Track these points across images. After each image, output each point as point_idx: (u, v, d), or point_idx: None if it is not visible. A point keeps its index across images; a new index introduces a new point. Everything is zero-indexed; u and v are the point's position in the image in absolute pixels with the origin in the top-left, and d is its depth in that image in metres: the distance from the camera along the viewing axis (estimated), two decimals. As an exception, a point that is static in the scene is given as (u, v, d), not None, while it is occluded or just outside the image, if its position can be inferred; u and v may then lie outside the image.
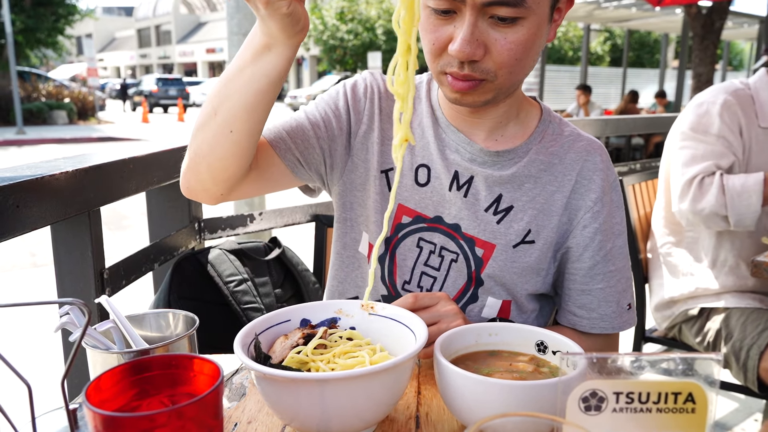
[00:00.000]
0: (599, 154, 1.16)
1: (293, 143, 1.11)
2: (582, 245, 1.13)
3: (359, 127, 1.16)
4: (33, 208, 1.06)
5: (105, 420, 0.54)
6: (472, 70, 0.97)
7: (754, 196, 1.79)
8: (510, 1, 0.91)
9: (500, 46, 0.96)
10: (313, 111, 1.15)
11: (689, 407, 0.58)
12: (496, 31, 0.95)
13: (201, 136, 1.01)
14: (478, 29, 0.94)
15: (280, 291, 1.52)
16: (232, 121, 0.97)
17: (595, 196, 1.13)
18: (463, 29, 0.93)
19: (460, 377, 0.73)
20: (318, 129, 1.13)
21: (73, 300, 0.65)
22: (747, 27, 15.69)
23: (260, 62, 0.94)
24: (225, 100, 0.97)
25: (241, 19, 5.09)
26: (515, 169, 1.12)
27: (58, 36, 20.50)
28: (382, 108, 1.16)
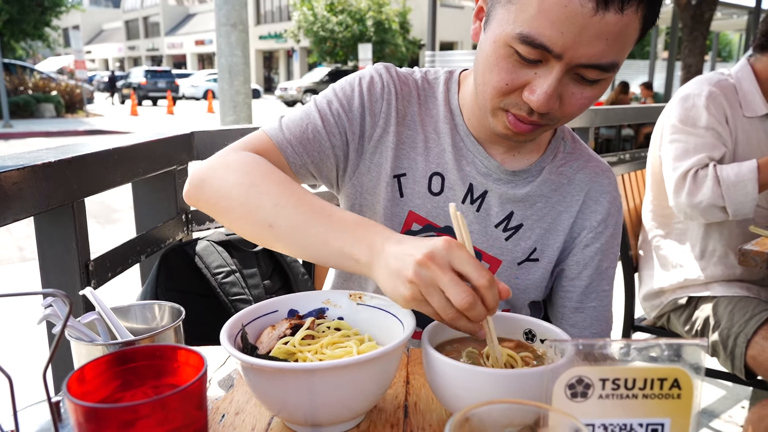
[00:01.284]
0: (607, 177, 1.16)
1: (309, 158, 1.06)
2: (581, 264, 1.13)
3: (375, 130, 1.10)
4: (15, 199, 1.04)
5: (86, 412, 0.53)
6: (540, 118, 0.95)
7: (749, 184, 1.80)
8: (606, 66, 0.88)
9: (575, 100, 0.94)
10: (327, 114, 1.08)
11: (675, 393, 0.58)
12: (575, 85, 0.92)
13: (239, 219, 0.93)
14: (561, 83, 0.90)
15: (268, 282, 1.51)
16: (284, 247, 0.91)
17: (600, 218, 1.13)
18: (547, 83, 0.89)
19: (447, 366, 0.73)
20: (333, 137, 1.08)
21: (55, 291, 0.64)
22: (736, 18, 15.77)
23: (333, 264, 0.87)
24: (286, 235, 0.89)
25: (229, 10, 5.05)
26: (529, 188, 1.12)
27: (45, 28, 20.27)
28: (398, 109, 1.11)
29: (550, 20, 0.84)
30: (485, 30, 0.95)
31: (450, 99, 1.13)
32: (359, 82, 1.11)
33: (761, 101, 1.95)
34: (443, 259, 0.73)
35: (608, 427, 0.59)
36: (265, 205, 0.90)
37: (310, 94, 27.80)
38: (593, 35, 0.84)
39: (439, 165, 1.10)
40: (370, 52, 18.89)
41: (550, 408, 0.51)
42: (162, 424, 0.56)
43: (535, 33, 0.85)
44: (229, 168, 0.97)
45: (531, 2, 0.85)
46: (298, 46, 37.97)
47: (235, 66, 5.06)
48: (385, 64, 1.15)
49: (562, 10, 0.83)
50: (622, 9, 0.83)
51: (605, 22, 0.83)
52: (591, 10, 0.82)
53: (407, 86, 1.13)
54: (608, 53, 0.87)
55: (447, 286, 0.72)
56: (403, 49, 30.29)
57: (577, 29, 0.83)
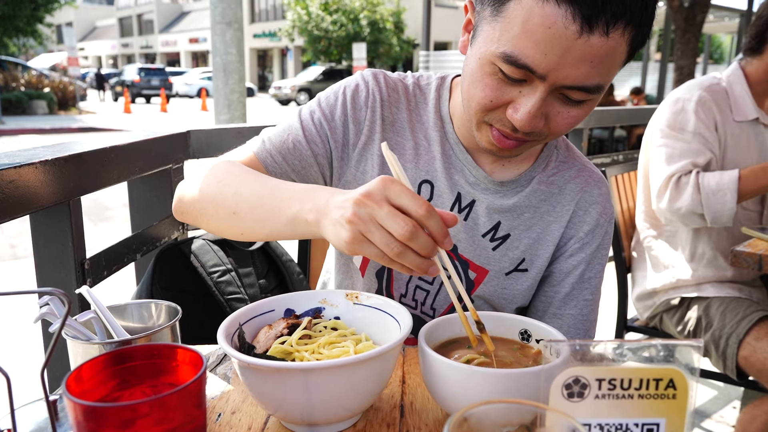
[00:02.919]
0: (599, 187, 1.14)
1: (289, 167, 1.07)
2: (564, 272, 1.13)
3: (359, 138, 1.10)
4: (12, 197, 1.04)
5: (85, 410, 0.53)
6: (525, 135, 0.94)
7: (728, 194, 1.82)
8: (591, 88, 0.87)
9: (561, 119, 0.93)
10: (309, 124, 1.09)
11: (670, 393, 0.58)
12: (561, 105, 0.91)
13: (212, 217, 0.97)
14: (545, 102, 0.90)
15: (264, 282, 1.51)
16: (249, 229, 0.93)
17: (588, 228, 1.12)
18: (531, 102, 0.89)
19: (444, 365, 0.73)
20: (315, 145, 1.08)
21: (53, 290, 0.64)
22: (728, 20, 15.86)
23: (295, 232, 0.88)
24: (247, 216, 0.92)
25: (224, 8, 5.05)
26: (517, 199, 1.11)
27: (38, 24, 20.15)
28: (384, 116, 1.10)
29: (534, 41, 0.83)
30: (472, 44, 0.95)
31: (441, 106, 1.12)
32: (343, 90, 1.11)
33: (752, 105, 1.96)
34: (379, 193, 0.73)
35: (604, 427, 0.59)
36: (227, 195, 0.94)
37: (305, 92, 27.75)
38: (577, 58, 0.83)
39: (429, 173, 1.10)
40: (365, 52, 18.87)
41: (547, 408, 0.51)
42: (161, 423, 0.56)
43: (518, 53, 0.84)
44: (199, 176, 1.01)
45: (515, 21, 0.84)
46: (292, 44, 37.91)
47: (230, 64, 5.05)
48: (374, 71, 1.13)
49: (546, 32, 0.82)
50: (607, 32, 0.81)
51: (590, 44, 0.82)
52: (575, 32, 0.81)
53: (396, 92, 1.12)
54: (593, 75, 0.86)
55: (385, 218, 0.72)
56: (397, 49, 30.29)
57: (560, 51, 0.83)
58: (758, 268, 1.67)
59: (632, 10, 0.82)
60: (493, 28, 0.88)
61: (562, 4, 0.80)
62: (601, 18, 0.80)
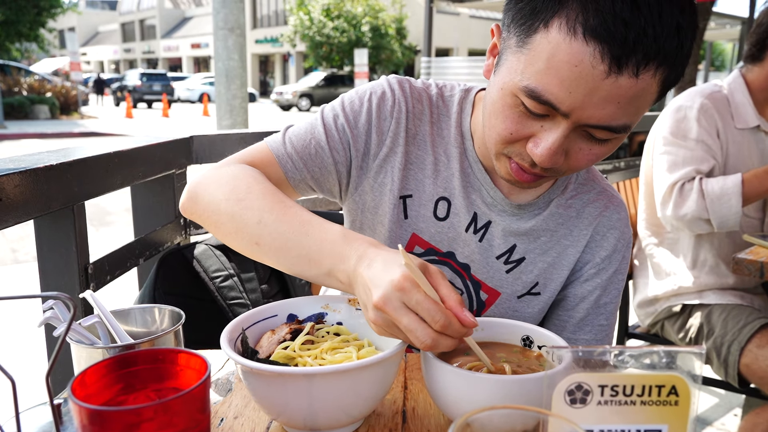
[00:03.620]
0: (618, 212, 1.11)
1: (309, 173, 1.05)
2: (579, 297, 1.11)
3: (381, 149, 1.06)
4: (17, 202, 1.04)
5: (91, 414, 0.54)
6: (543, 170, 0.92)
7: (733, 198, 1.82)
8: (616, 128, 0.84)
9: (582, 156, 0.90)
10: (332, 129, 1.05)
11: (673, 400, 0.58)
12: (583, 141, 0.88)
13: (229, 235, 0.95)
14: (567, 138, 0.86)
15: (266, 287, 1.51)
16: (271, 262, 0.92)
17: (605, 254, 1.09)
18: (552, 138, 0.86)
19: (447, 371, 0.73)
20: (336, 153, 1.05)
21: (58, 294, 0.64)
22: (729, 28, 15.88)
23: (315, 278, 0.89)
24: (271, 252, 0.91)
25: (226, 14, 5.07)
26: (534, 222, 1.08)
27: (40, 29, 20.22)
28: (408, 129, 1.07)
29: (559, 78, 0.80)
30: (496, 72, 0.92)
31: (462, 121, 1.08)
32: (369, 96, 1.07)
33: (753, 113, 1.97)
34: (396, 302, 0.71)
35: (607, 433, 0.59)
36: (250, 222, 0.92)
37: (306, 98, 27.79)
38: (604, 98, 0.80)
39: (447, 190, 1.07)
40: (366, 58, 18.92)
41: (550, 414, 0.51)
42: (165, 427, 0.56)
43: (541, 89, 0.82)
44: (219, 182, 0.98)
45: (540, 56, 0.81)
46: (294, 50, 38.01)
47: (232, 70, 5.07)
48: (399, 78, 1.10)
49: (572, 70, 0.78)
50: (637, 73, 0.78)
51: (617, 85, 0.78)
52: (603, 72, 0.77)
53: (420, 104, 1.09)
54: (620, 116, 0.82)
55: (406, 330, 0.71)
56: (399, 55, 30.37)
57: (586, 90, 0.79)
58: (760, 275, 1.67)
59: (665, 50, 0.78)
60: (518, 59, 0.85)
61: (590, 42, 0.77)
62: (631, 59, 0.77)
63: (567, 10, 0.78)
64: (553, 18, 0.79)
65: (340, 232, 0.86)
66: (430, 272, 0.76)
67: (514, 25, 0.86)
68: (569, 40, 0.78)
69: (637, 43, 0.76)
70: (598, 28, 0.76)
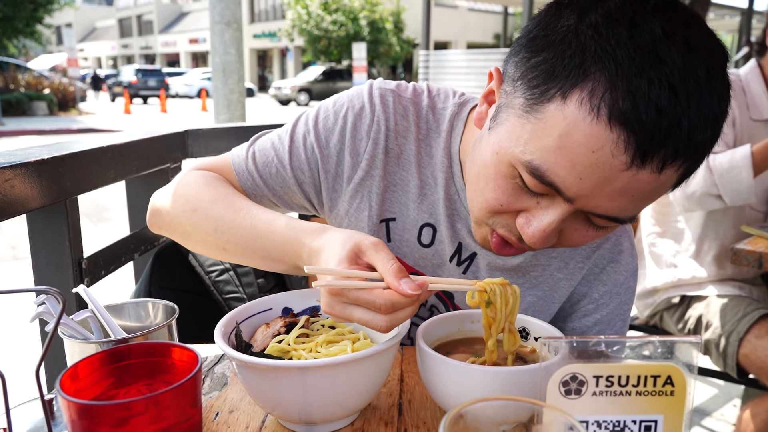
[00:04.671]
0: (620, 242, 1.01)
1: (270, 191, 1.01)
2: (578, 332, 1.03)
3: (355, 172, 0.98)
4: (7, 196, 1.04)
5: (80, 409, 0.53)
6: (530, 247, 0.81)
7: (744, 171, 1.77)
8: (622, 219, 0.75)
9: (577, 236, 0.79)
10: (299, 148, 0.98)
11: (668, 390, 0.58)
12: (581, 223, 0.78)
13: (198, 244, 0.96)
14: (564, 220, 0.76)
15: (262, 281, 1.51)
16: (245, 263, 0.94)
17: (605, 289, 1.01)
18: (548, 219, 0.75)
19: (442, 363, 0.73)
20: (301, 173, 0.99)
21: (48, 288, 0.64)
22: (728, 19, 15.84)
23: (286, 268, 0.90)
24: (239, 257, 0.92)
25: (223, 8, 5.04)
26: (522, 259, 0.99)
27: (37, 25, 20.16)
28: (388, 149, 0.97)
29: (570, 161, 0.68)
30: (492, 129, 0.80)
31: (452, 142, 0.97)
32: (345, 113, 0.98)
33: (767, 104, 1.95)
34: (338, 305, 0.72)
35: (602, 424, 0.59)
36: (208, 231, 0.93)
37: (305, 92, 27.74)
38: (618, 190, 0.69)
39: (432, 216, 0.99)
40: (365, 51, 18.86)
41: (544, 405, 0.51)
42: (156, 422, 0.56)
43: (547, 169, 0.70)
44: (176, 194, 0.98)
45: (552, 130, 0.69)
46: (292, 44, 37.92)
47: (229, 64, 5.05)
48: (384, 89, 0.99)
49: (588, 155, 0.67)
50: (661, 169, 0.67)
51: (637, 179, 0.68)
52: (623, 163, 0.66)
53: (406, 119, 0.98)
54: (630, 209, 0.73)
55: (361, 323, 0.71)
56: (397, 49, 30.30)
57: (600, 180, 0.69)
58: (758, 265, 1.67)
59: (697, 144, 0.67)
60: (522, 125, 0.73)
61: (615, 128, 0.65)
62: (659, 153, 0.66)
63: (592, 83, 0.66)
64: (573, 89, 0.67)
65: (286, 227, 0.86)
66: (364, 250, 0.74)
67: (523, 83, 0.74)
68: (590, 121, 0.66)
69: (668, 136, 0.65)
70: (628, 114, 0.64)
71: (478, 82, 12.18)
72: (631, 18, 0.67)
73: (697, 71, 0.65)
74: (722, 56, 0.70)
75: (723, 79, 0.69)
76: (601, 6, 0.69)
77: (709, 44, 0.69)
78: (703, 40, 0.68)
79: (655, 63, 0.64)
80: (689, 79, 0.65)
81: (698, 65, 0.65)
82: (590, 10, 0.69)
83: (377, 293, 0.69)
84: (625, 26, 0.66)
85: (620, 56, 0.65)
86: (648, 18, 0.67)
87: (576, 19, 0.69)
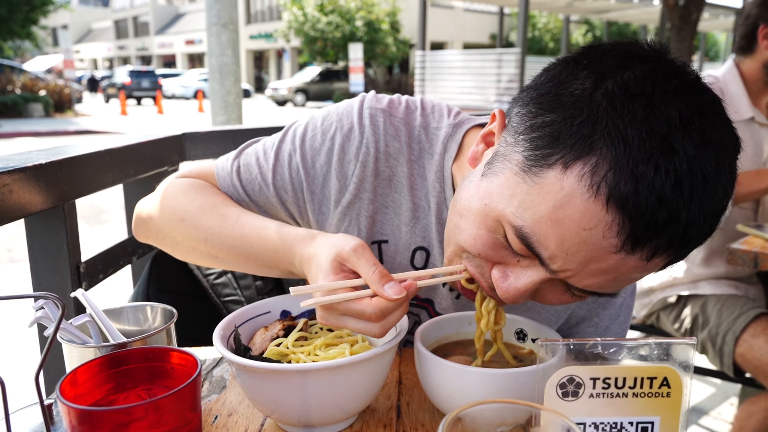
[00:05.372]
0: None
1: (254, 205, 1.00)
2: None
3: (343, 195, 0.95)
4: (5, 201, 1.04)
5: (79, 414, 0.53)
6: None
7: None
8: (601, 294, 0.73)
9: (552, 297, 0.77)
10: (283, 167, 0.96)
11: (664, 391, 0.58)
12: (557, 287, 0.75)
13: (187, 254, 0.97)
14: (542, 283, 0.74)
15: (260, 283, 1.51)
16: (237, 269, 0.95)
17: (605, 313, 1.00)
18: (525, 280, 0.72)
19: (439, 366, 0.73)
20: (285, 193, 0.97)
21: (47, 294, 0.64)
22: (723, 18, 15.90)
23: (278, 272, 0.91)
24: (230, 264, 0.93)
25: (219, 10, 5.04)
26: None
27: (33, 27, 20.11)
28: (379, 171, 0.94)
29: (560, 235, 0.66)
30: (485, 173, 0.76)
31: (444, 164, 0.94)
32: (333, 134, 0.95)
33: (747, 104, 1.97)
34: (332, 317, 0.74)
35: (599, 426, 0.59)
36: (198, 240, 0.94)
37: (301, 93, 27.72)
38: (602, 269, 0.67)
39: (425, 239, 0.96)
40: (361, 52, 18.87)
41: (541, 407, 0.51)
42: (155, 426, 0.56)
43: (535, 239, 0.68)
44: (163, 203, 0.98)
45: (546, 198, 0.66)
46: (288, 45, 37.89)
47: (226, 66, 5.05)
48: (375, 109, 0.96)
49: (579, 232, 0.65)
50: (650, 258, 0.65)
51: (624, 262, 0.66)
52: (613, 246, 0.64)
53: (397, 141, 0.95)
54: (610, 287, 0.71)
55: (355, 331, 0.74)
56: (393, 49, 30.30)
57: (586, 258, 0.66)
58: (754, 265, 1.68)
59: (690, 238, 0.65)
60: (518, 183, 0.69)
61: (611, 210, 0.62)
62: (651, 242, 0.64)
63: (597, 158, 0.63)
64: (577, 161, 0.64)
65: (276, 235, 0.87)
66: (345, 257, 0.76)
67: (525, 140, 0.70)
68: (587, 198, 0.63)
69: (665, 227, 0.62)
70: (628, 198, 0.61)
71: (474, 82, 12.18)
72: (650, 96, 0.63)
73: (706, 165, 0.62)
74: (734, 149, 0.68)
75: (731, 173, 0.67)
76: (621, 75, 0.65)
77: (723, 136, 0.66)
78: (718, 132, 0.65)
79: (665, 150, 0.61)
80: (697, 173, 0.62)
81: (709, 158, 0.62)
82: (608, 77, 0.65)
83: (365, 303, 0.72)
84: (641, 104, 0.62)
85: (631, 136, 0.61)
86: (667, 99, 0.63)
87: (592, 84, 0.65)
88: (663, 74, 0.66)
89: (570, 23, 19.16)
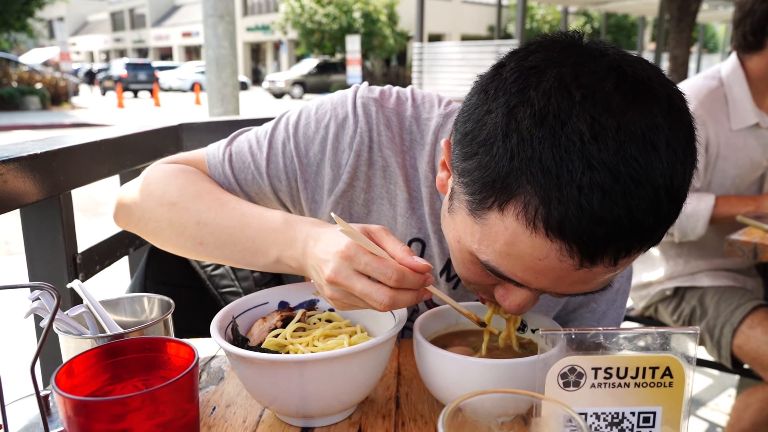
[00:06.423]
0: None
1: (246, 195, 1.00)
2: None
3: (336, 184, 0.95)
4: (0, 192, 1.03)
5: (76, 405, 0.53)
6: None
7: (700, 221, 1.86)
8: (591, 292, 0.73)
9: (553, 303, 0.86)
10: (277, 156, 0.96)
11: (667, 381, 0.58)
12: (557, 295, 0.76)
13: (170, 240, 0.94)
14: (537, 291, 0.74)
15: (258, 275, 1.50)
16: (220, 259, 0.92)
17: (602, 298, 1.01)
18: (522, 296, 0.73)
19: (439, 356, 0.73)
20: (278, 181, 0.97)
21: (42, 284, 0.63)
22: (722, 9, 15.86)
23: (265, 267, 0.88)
24: (217, 250, 0.90)
25: (216, 2, 5.00)
26: None
27: (28, 19, 20.00)
28: (373, 161, 0.94)
29: (521, 265, 0.67)
30: (450, 208, 0.76)
31: (436, 155, 0.94)
32: (327, 122, 0.95)
33: (751, 109, 1.90)
34: (346, 271, 0.72)
35: (601, 416, 0.59)
36: (189, 224, 0.91)
37: (299, 86, 27.64)
38: (576, 281, 0.68)
39: (421, 230, 0.97)
40: (358, 44, 18.81)
41: (543, 397, 0.51)
42: (152, 417, 0.55)
43: (504, 270, 0.69)
44: (150, 187, 0.96)
45: (497, 237, 0.67)
46: (285, 37, 37.75)
47: (223, 58, 5.02)
48: (367, 99, 0.96)
49: (537, 262, 0.65)
50: (614, 264, 0.65)
51: (592, 273, 0.66)
52: (572, 266, 0.64)
53: (390, 130, 0.95)
54: (594, 288, 0.71)
55: (362, 296, 0.71)
56: (391, 41, 30.21)
57: (555, 278, 0.67)
58: (754, 256, 1.67)
59: (646, 235, 0.64)
60: (472, 224, 0.70)
61: (555, 240, 0.62)
62: (607, 254, 0.63)
63: (524, 196, 0.63)
64: (508, 203, 0.64)
65: (281, 218, 0.86)
66: (373, 231, 0.75)
67: (463, 182, 0.71)
68: (530, 234, 0.64)
69: (613, 239, 0.62)
70: (563, 225, 0.61)
71: (472, 74, 12.13)
72: (556, 115, 0.61)
73: (632, 165, 0.59)
74: (673, 122, 0.63)
75: (674, 149, 0.62)
76: (529, 98, 0.63)
77: (649, 119, 0.61)
78: (646, 117, 0.61)
79: (584, 168, 0.59)
80: (622, 178, 0.59)
81: (633, 157, 0.59)
82: (516, 107, 0.63)
83: (390, 263, 0.71)
84: (549, 128, 0.61)
85: (547, 164, 0.60)
86: (574, 112, 0.60)
87: (502, 118, 0.64)
88: (571, 79, 0.62)
89: (568, 15, 19.11)
